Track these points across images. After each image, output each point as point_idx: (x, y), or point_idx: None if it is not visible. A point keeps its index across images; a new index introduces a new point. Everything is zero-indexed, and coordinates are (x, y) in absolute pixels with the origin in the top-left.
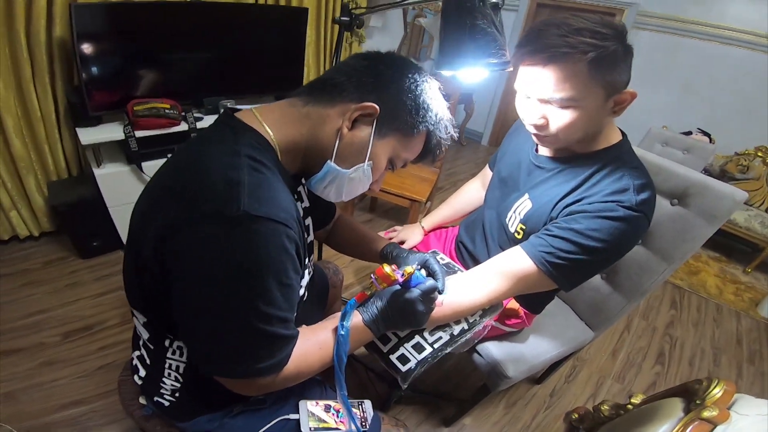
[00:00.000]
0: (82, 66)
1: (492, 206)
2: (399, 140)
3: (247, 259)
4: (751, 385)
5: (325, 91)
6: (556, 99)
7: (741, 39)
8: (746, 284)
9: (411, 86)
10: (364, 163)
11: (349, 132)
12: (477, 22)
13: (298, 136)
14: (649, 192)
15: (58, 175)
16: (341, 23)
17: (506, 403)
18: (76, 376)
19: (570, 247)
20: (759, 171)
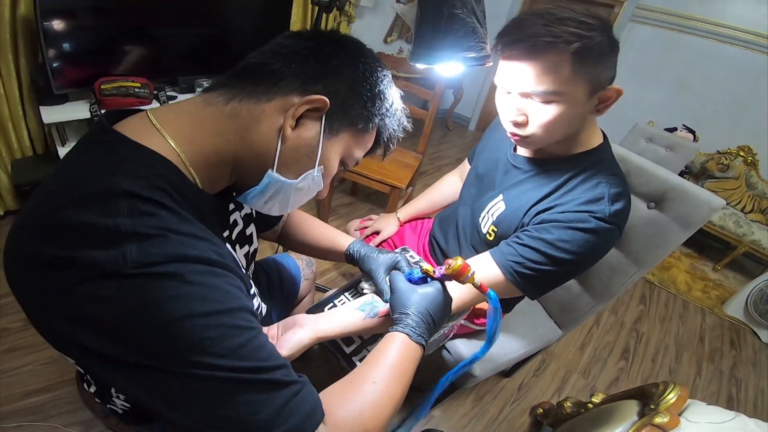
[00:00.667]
0: (46, 44)
1: (467, 203)
2: (352, 136)
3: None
4: (708, 383)
5: (257, 81)
6: (538, 92)
7: (739, 38)
8: (715, 281)
9: (365, 73)
10: (314, 169)
11: (293, 132)
12: (455, 11)
13: (223, 144)
14: (623, 202)
15: (22, 152)
16: (320, 4)
17: (475, 396)
18: (40, 363)
19: (539, 258)
20: (739, 170)
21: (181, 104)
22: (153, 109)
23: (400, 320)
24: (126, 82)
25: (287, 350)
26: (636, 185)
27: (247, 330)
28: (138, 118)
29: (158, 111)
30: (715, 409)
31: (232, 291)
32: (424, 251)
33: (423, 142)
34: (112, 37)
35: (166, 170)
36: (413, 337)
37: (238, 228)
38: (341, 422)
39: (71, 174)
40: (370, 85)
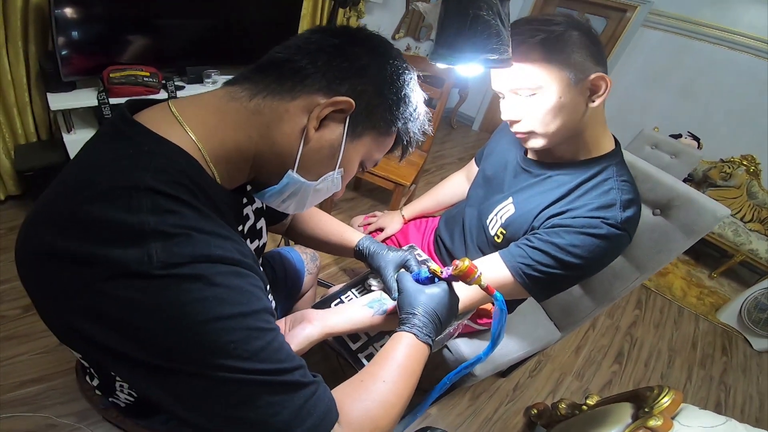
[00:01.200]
0: (57, 31)
1: (474, 204)
2: (374, 139)
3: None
4: (698, 389)
5: (282, 78)
6: (521, 86)
7: (750, 45)
8: (710, 289)
9: (393, 75)
10: (334, 171)
11: (316, 133)
12: (481, 12)
13: (245, 140)
14: (634, 208)
15: (26, 138)
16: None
17: (471, 395)
18: (36, 353)
19: (549, 261)
20: (741, 179)
21: (204, 96)
22: (175, 100)
23: (408, 320)
24: (135, 70)
25: (296, 345)
26: (642, 191)
27: (268, 332)
28: (159, 109)
29: (180, 102)
30: (708, 414)
31: (255, 292)
32: (429, 250)
33: (429, 140)
34: (123, 25)
35: (187, 165)
36: (420, 337)
37: (249, 222)
38: (354, 421)
39: (92, 166)
40: (396, 88)
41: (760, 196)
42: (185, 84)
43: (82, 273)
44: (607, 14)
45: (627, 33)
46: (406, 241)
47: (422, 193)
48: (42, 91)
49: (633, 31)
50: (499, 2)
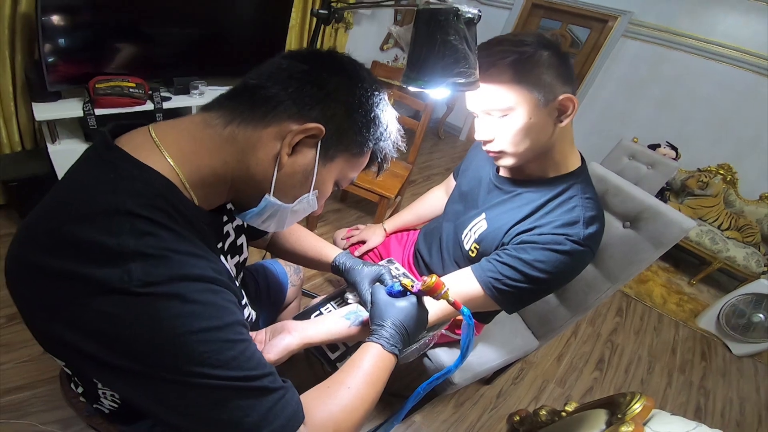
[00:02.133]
0: (43, 39)
1: (450, 219)
2: (347, 160)
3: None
4: (678, 394)
5: (254, 106)
6: (494, 109)
7: (726, 54)
8: (689, 295)
9: (362, 98)
10: (309, 193)
11: (289, 159)
12: (448, 37)
13: (221, 166)
14: (597, 225)
15: (11, 148)
16: (319, 16)
17: (456, 402)
18: (20, 361)
19: (516, 276)
20: (717, 188)
21: (182, 122)
22: (155, 125)
23: (376, 331)
24: (121, 81)
25: (275, 354)
26: (613, 204)
27: (240, 342)
28: (140, 133)
29: (160, 127)
30: (678, 419)
31: (228, 306)
32: (409, 263)
33: (414, 152)
34: (109, 35)
35: (165, 189)
36: (386, 347)
37: (230, 239)
38: (318, 423)
39: (76, 189)
40: (366, 110)
41: (737, 204)
42: (172, 95)
43: (67, 288)
44: (590, 25)
45: (608, 43)
46: (387, 254)
47: (408, 204)
48: (27, 101)
49: (614, 41)
50: (466, 27)
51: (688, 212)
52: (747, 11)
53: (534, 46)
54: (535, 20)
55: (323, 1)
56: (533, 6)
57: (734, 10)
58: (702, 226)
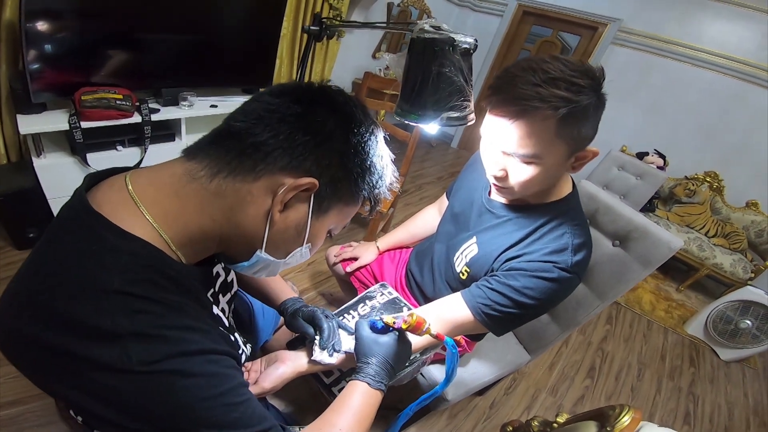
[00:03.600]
0: (27, 47)
1: (442, 240)
2: (340, 210)
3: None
4: (668, 401)
5: (242, 155)
6: (519, 155)
7: (712, 62)
8: (677, 302)
9: (357, 145)
10: (302, 246)
11: (281, 215)
12: (444, 69)
13: (209, 223)
14: (584, 252)
15: None
16: (311, 33)
17: (449, 414)
18: (11, 376)
19: (505, 302)
20: (704, 196)
21: (162, 174)
22: (132, 175)
23: (362, 369)
24: (107, 93)
25: (270, 383)
26: (603, 223)
27: (242, 404)
28: (117, 190)
29: (138, 182)
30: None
31: (227, 372)
32: (401, 283)
33: (406, 164)
34: (95, 43)
35: (152, 258)
36: (373, 385)
37: (220, 279)
38: None
39: (59, 259)
40: (361, 159)
41: (724, 211)
42: (160, 107)
43: (69, 362)
44: (580, 32)
45: (598, 50)
46: (380, 271)
47: (400, 215)
48: (12, 112)
49: (603, 49)
50: (462, 58)
51: (676, 219)
52: (734, 18)
53: (589, 93)
54: (526, 27)
55: (314, 17)
56: (524, 13)
57: (721, 17)
58: (689, 234)
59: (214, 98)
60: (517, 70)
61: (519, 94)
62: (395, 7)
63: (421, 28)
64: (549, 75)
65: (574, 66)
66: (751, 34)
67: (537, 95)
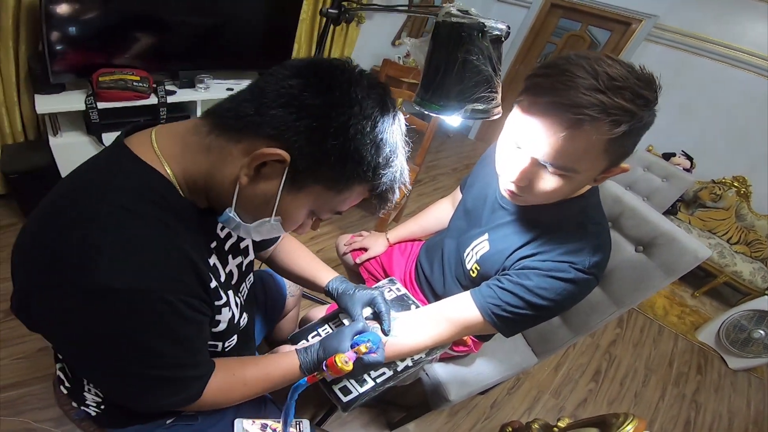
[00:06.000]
0: (47, 30)
1: (453, 236)
2: (322, 192)
3: (120, 331)
4: (669, 407)
5: (235, 118)
6: (557, 165)
7: (751, 62)
8: (691, 308)
9: (341, 127)
10: (270, 218)
11: (249, 181)
12: (471, 57)
13: (196, 171)
14: (603, 254)
15: (14, 138)
16: (329, 16)
17: (449, 411)
18: (14, 358)
19: (517, 302)
20: (730, 201)
21: (179, 127)
22: (158, 128)
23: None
24: (125, 74)
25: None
26: (626, 227)
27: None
28: (144, 135)
29: (160, 131)
30: None
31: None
32: (410, 277)
33: (421, 154)
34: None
35: (159, 184)
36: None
37: (231, 240)
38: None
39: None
40: (343, 143)
41: (749, 218)
42: (176, 89)
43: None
44: (611, 27)
45: (630, 46)
46: (389, 264)
47: (413, 206)
48: (30, 92)
49: (636, 45)
50: (491, 45)
51: (698, 224)
52: None
53: (652, 108)
54: (554, 20)
55: (333, 1)
56: (552, 5)
57: (763, 18)
58: (711, 239)
59: (231, 81)
60: (573, 68)
61: (578, 100)
62: None
63: (447, 12)
64: (614, 82)
65: (639, 74)
66: None
67: (600, 104)
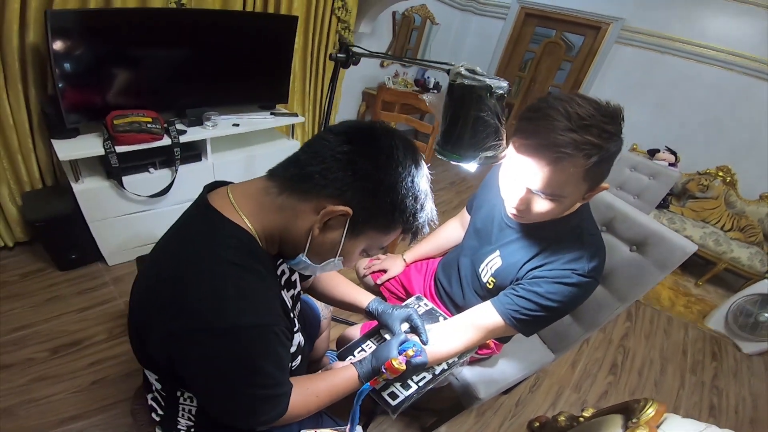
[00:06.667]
0: (57, 75)
1: (467, 254)
2: (374, 236)
3: (243, 359)
4: (691, 394)
5: (301, 181)
6: (547, 193)
7: (717, 58)
8: (696, 297)
9: (390, 185)
10: (335, 258)
11: (320, 233)
12: (482, 114)
13: (274, 226)
14: (599, 259)
15: (32, 185)
16: (338, 60)
17: (477, 413)
18: (70, 392)
19: (532, 306)
20: (718, 190)
21: (250, 188)
22: (230, 188)
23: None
24: (137, 116)
25: None
26: (620, 230)
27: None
28: (223, 195)
29: (235, 191)
30: (690, 422)
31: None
32: (430, 291)
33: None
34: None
35: (249, 241)
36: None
37: (285, 276)
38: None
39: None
40: (394, 197)
41: (738, 205)
42: (186, 128)
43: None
44: (584, 32)
45: (602, 50)
46: (408, 282)
47: None
48: (45, 137)
49: (608, 48)
50: (497, 102)
51: (691, 215)
52: (736, 14)
53: (616, 140)
54: (530, 29)
55: (340, 46)
56: (527, 15)
57: (723, 14)
58: (705, 228)
59: (234, 116)
60: (551, 111)
61: (556, 140)
62: (398, 14)
63: (457, 72)
64: (583, 121)
65: (604, 110)
66: (753, 30)
67: (572, 142)
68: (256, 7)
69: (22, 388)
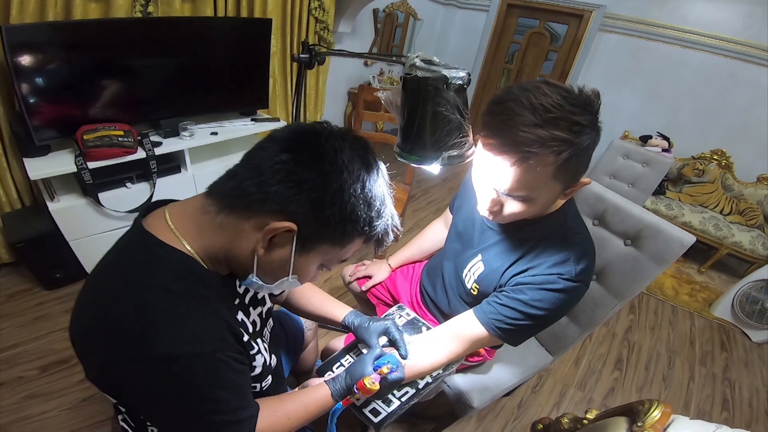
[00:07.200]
0: (22, 92)
1: (450, 258)
2: (328, 249)
3: (187, 389)
4: (702, 387)
5: (240, 197)
6: (515, 196)
7: (702, 42)
8: (700, 284)
9: (336, 195)
10: (287, 277)
11: (265, 252)
12: (439, 109)
13: (217, 247)
14: (587, 260)
15: (11, 206)
16: (301, 61)
17: (478, 417)
18: (62, 409)
19: (516, 315)
20: (714, 174)
21: (188, 207)
22: (169, 208)
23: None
24: (108, 130)
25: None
26: (613, 223)
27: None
28: (159, 217)
29: (172, 211)
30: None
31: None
32: (416, 298)
33: (410, 173)
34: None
35: (186, 261)
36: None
37: (249, 294)
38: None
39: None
40: (341, 207)
41: (736, 188)
42: (162, 139)
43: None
44: (567, 21)
45: (587, 38)
46: (394, 288)
47: (410, 222)
48: (18, 157)
49: (592, 36)
50: (456, 95)
51: (688, 200)
52: None
53: (589, 132)
54: (513, 20)
55: (303, 45)
56: (509, 6)
57: None
58: (704, 213)
59: (214, 124)
60: (513, 104)
61: (519, 138)
62: (381, 12)
63: (411, 64)
64: (550, 114)
65: (574, 98)
66: (735, 14)
67: (538, 139)
68: (228, 12)
69: (14, 406)
